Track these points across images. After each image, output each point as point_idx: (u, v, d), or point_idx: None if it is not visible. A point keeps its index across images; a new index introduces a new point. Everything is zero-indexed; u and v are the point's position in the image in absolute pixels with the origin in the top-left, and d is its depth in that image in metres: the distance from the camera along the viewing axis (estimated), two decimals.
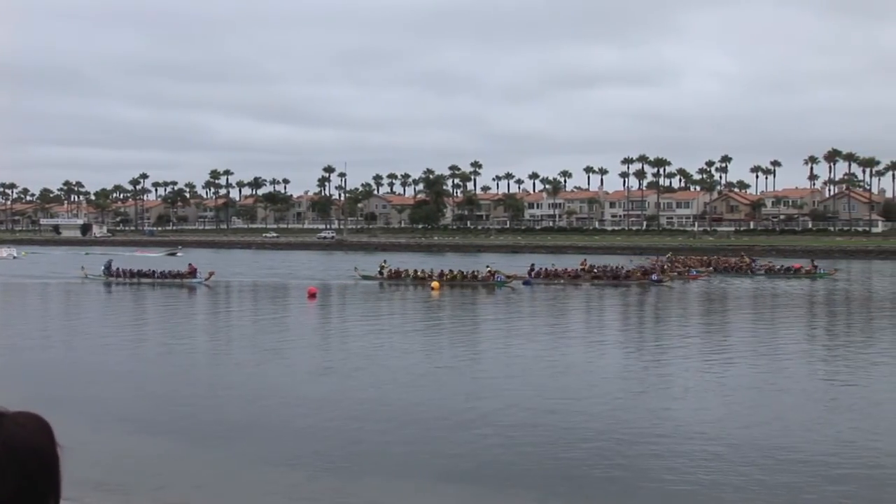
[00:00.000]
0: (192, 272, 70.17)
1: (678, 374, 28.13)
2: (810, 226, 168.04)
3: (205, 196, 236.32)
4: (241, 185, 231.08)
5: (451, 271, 69.77)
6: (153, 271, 72.30)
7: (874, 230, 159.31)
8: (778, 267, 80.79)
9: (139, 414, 21.93)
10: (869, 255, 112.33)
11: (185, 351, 33.65)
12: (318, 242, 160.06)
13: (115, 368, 29.08)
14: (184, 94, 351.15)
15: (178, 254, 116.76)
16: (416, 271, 71.09)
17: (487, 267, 71.41)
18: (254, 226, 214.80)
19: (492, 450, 18.50)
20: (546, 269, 73.21)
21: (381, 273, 72.66)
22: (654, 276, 69.10)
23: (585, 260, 79.08)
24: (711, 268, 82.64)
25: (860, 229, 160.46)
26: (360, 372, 28.28)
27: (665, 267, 76.74)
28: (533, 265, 74.02)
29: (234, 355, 33.19)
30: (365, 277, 72.07)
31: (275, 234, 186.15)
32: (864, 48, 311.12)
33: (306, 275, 79.22)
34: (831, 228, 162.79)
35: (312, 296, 56.73)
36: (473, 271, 69.43)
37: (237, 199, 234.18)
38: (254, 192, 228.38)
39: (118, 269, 73.29)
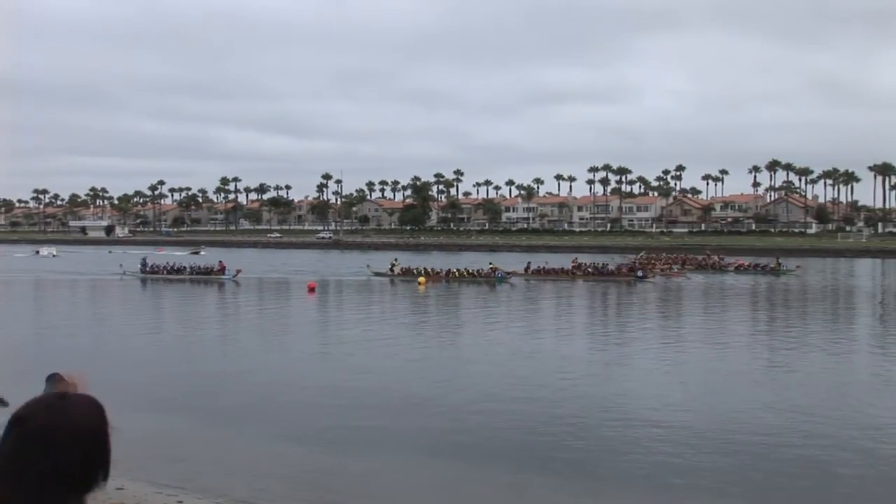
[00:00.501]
0: (222, 269, 68.57)
1: (643, 361, 28.13)
2: (754, 227, 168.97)
3: (216, 200, 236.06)
4: (248, 190, 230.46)
5: (458, 269, 68.74)
6: (186, 268, 70.95)
7: (808, 231, 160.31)
8: (747, 264, 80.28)
9: (157, 396, 21.78)
10: (805, 253, 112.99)
11: (201, 340, 33.58)
12: (317, 242, 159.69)
13: (140, 355, 28.94)
14: (197, 109, 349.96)
15: (202, 252, 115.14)
16: (426, 269, 69.78)
17: (490, 264, 70.23)
18: (259, 227, 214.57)
19: (471, 429, 18.42)
20: (542, 266, 72.01)
21: (392, 270, 71.01)
22: (639, 273, 68.10)
23: (577, 258, 78.31)
24: (680, 265, 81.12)
25: (796, 231, 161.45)
26: (355, 358, 28.23)
27: (638, 265, 75.45)
28: (529, 263, 73.20)
29: (242, 343, 33.06)
30: (377, 274, 70.53)
31: (278, 235, 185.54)
32: (800, 71, 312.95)
33: (320, 271, 77.25)
34: (772, 230, 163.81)
35: (312, 290, 56.55)
36: (478, 268, 68.47)
37: (245, 203, 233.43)
38: (259, 197, 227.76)
39: (153, 265, 71.56)
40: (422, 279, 64.82)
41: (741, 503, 14.04)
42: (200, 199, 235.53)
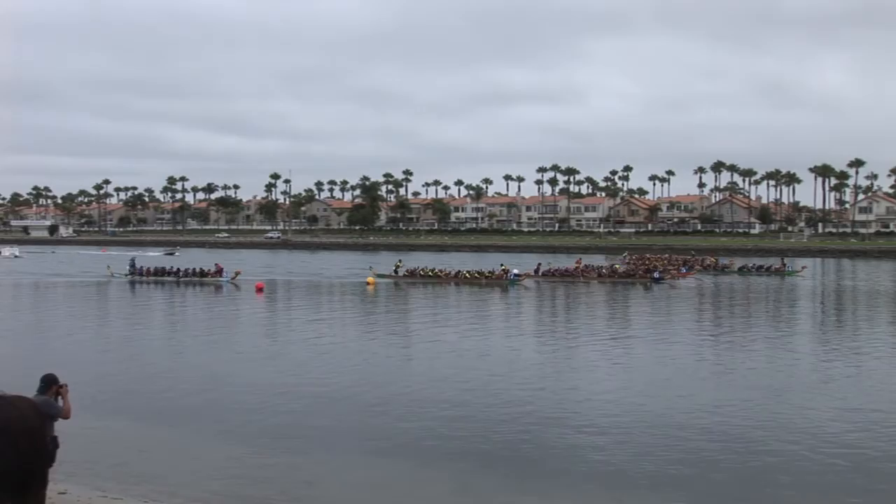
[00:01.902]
0: (219, 271, 65.31)
1: (602, 361, 28.33)
2: (699, 227, 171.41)
3: (162, 200, 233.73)
4: (195, 190, 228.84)
5: (468, 271, 65.63)
6: (178, 270, 67.34)
7: (752, 232, 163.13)
8: (750, 265, 78.71)
9: (101, 397, 21.37)
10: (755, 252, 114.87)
11: (151, 340, 33.05)
12: (266, 242, 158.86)
13: (87, 356, 28.38)
14: (143, 107, 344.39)
15: (176, 253, 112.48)
16: (433, 270, 67.32)
17: (502, 265, 67.54)
18: (207, 227, 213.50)
19: (421, 429, 18.39)
20: (552, 268, 70.21)
21: (396, 272, 67.91)
22: (656, 275, 65.75)
23: (580, 259, 77.81)
24: (690, 267, 76.62)
25: (741, 231, 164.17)
26: (305, 358, 28.05)
27: (616, 266, 72.84)
28: (539, 264, 71.34)
29: (191, 343, 32.58)
30: (380, 276, 66.92)
31: (226, 235, 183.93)
32: (743, 74, 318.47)
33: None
34: (717, 230, 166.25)
35: (260, 290, 56.00)
36: (490, 270, 65.77)
37: (192, 202, 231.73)
38: (207, 197, 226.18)
39: (142, 267, 68.47)
40: (370, 279, 64.11)
41: (687, 500, 14.22)
42: (147, 199, 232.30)
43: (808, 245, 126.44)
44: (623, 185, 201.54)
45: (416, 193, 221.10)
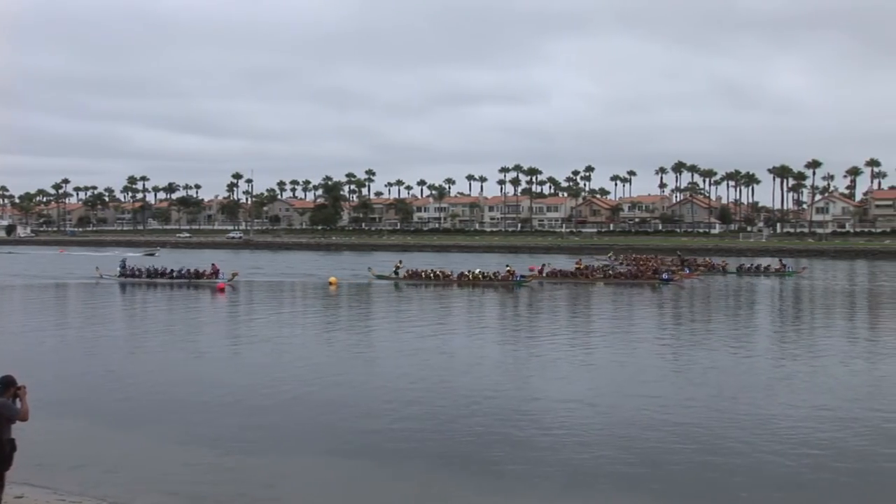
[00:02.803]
0: (215, 272, 62.84)
1: (577, 360, 28.46)
2: (660, 227, 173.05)
3: (123, 200, 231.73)
4: (156, 189, 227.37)
5: (470, 272, 63.25)
6: (171, 271, 64.43)
7: (712, 232, 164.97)
8: (748, 266, 78.19)
9: (59, 399, 21.11)
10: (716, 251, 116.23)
11: (112, 341, 32.68)
12: (228, 242, 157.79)
13: (46, 357, 28.02)
14: (103, 106, 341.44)
15: (157, 254, 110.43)
16: (434, 271, 64.71)
17: (507, 267, 65.22)
18: (168, 227, 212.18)
19: (383, 430, 18.41)
20: (559, 269, 69.02)
21: (396, 273, 65.63)
22: (664, 276, 64.16)
23: (580, 260, 77.48)
24: (694, 267, 75.28)
25: (701, 231, 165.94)
26: (266, 359, 27.93)
27: (597, 266, 72.17)
28: (544, 265, 70.21)
29: (152, 345, 32.25)
30: (379, 277, 65.32)
31: (188, 235, 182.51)
32: (702, 76, 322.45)
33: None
34: (677, 230, 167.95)
35: (221, 290, 55.59)
36: (495, 271, 63.87)
37: (153, 202, 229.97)
38: (168, 197, 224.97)
39: (134, 268, 66.18)
40: (333, 279, 63.59)
41: (648, 498, 14.41)
42: (107, 199, 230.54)
43: (766, 245, 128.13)
44: (585, 185, 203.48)
45: (378, 193, 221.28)
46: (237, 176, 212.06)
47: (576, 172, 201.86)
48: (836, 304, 51.04)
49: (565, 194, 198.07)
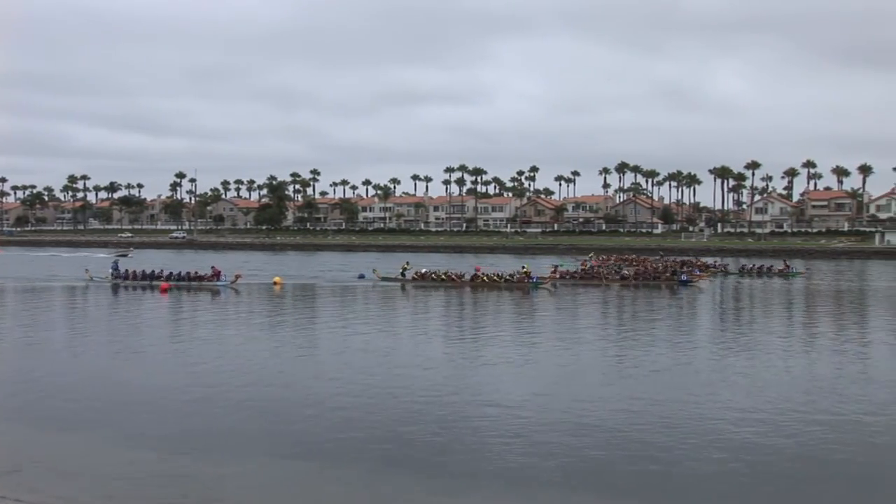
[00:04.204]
0: (216, 275, 59.82)
1: (499, 360, 28.73)
2: (604, 227, 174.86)
3: (63, 199, 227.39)
4: (98, 189, 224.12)
5: (485, 274, 60.50)
6: (170, 273, 60.99)
7: (655, 231, 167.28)
8: (751, 266, 77.73)
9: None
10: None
11: (55, 343, 32.06)
12: (171, 242, 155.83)
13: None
14: (42, 104, 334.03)
15: (130, 255, 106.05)
16: (446, 273, 61.82)
17: (524, 268, 62.39)
18: (110, 227, 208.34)
19: (328, 430, 18.37)
20: (573, 270, 67.40)
21: (403, 275, 62.63)
22: (682, 278, 62.40)
23: (586, 261, 77.07)
24: (703, 268, 72.72)
25: (644, 231, 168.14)
26: (208, 361, 27.60)
27: (583, 267, 70.65)
28: (556, 266, 69.05)
29: (94, 346, 31.70)
30: (385, 279, 62.67)
31: (130, 235, 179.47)
32: (645, 78, 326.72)
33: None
34: (621, 230, 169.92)
35: (164, 291, 54.68)
36: (511, 272, 61.18)
37: (94, 202, 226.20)
38: (110, 196, 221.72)
39: (127, 271, 62.38)
40: (277, 279, 62.76)
41: (592, 496, 14.59)
42: (46, 198, 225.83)
43: (707, 245, 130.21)
44: (530, 185, 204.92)
45: (323, 193, 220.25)
46: (181, 175, 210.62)
47: (520, 173, 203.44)
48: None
49: (510, 194, 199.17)
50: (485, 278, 59.45)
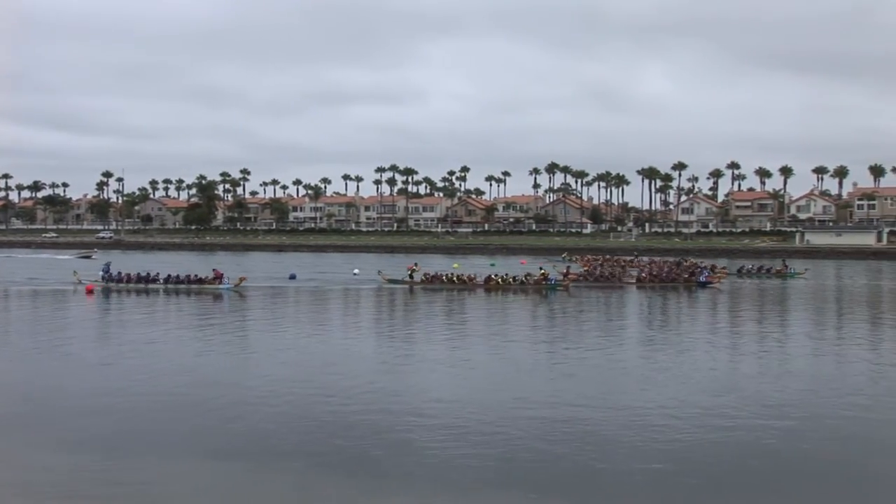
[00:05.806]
0: (218, 277, 57.41)
1: (427, 359, 28.90)
2: (534, 227, 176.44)
3: None
4: (20, 188, 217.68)
5: (500, 276, 59.02)
6: (167, 276, 58.63)
7: (584, 231, 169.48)
8: (749, 267, 77.56)
9: None
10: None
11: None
12: (97, 242, 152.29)
13: None
14: None
15: (94, 256, 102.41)
16: (458, 275, 60.18)
17: (541, 270, 60.43)
18: (33, 227, 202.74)
19: (256, 431, 18.29)
20: (587, 272, 66.29)
21: (411, 277, 60.61)
22: (701, 278, 61.91)
23: (589, 260, 76.66)
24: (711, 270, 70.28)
25: (573, 231, 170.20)
26: (140, 362, 27.19)
27: (567, 268, 67.96)
28: (568, 267, 68.29)
29: (16, 349, 31.01)
30: (391, 282, 60.38)
31: (54, 235, 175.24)
32: (574, 79, 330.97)
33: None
34: (550, 230, 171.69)
35: (90, 293, 53.59)
36: (526, 274, 59.67)
37: (17, 201, 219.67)
38: (33, 195, 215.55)
39: (120, 273, 59.37)
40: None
41: (523, 493, 14.86)
42: None
43: (635, 244, 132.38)
44: (460, 185, 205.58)
45: (253, 193, 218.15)
46: (107, 174, 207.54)
47: (451, 173, 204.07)
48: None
49: (441, 194, 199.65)
50: (499, 280, 58.21)
